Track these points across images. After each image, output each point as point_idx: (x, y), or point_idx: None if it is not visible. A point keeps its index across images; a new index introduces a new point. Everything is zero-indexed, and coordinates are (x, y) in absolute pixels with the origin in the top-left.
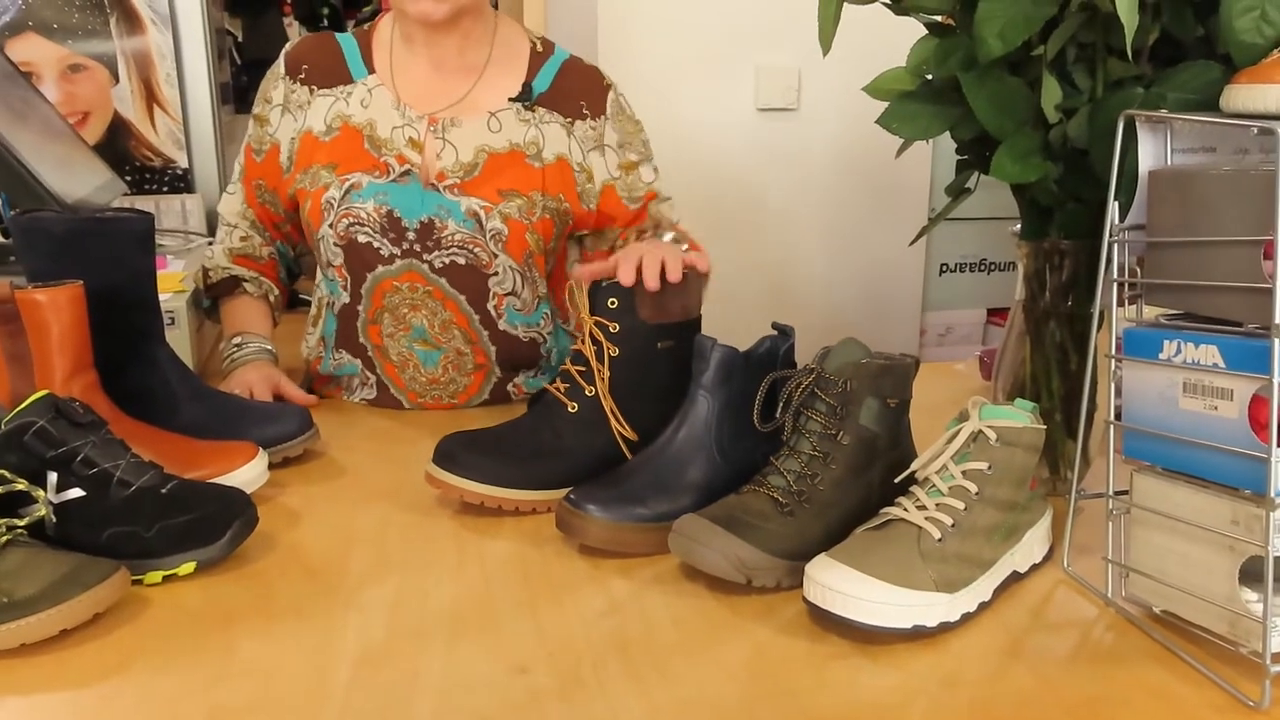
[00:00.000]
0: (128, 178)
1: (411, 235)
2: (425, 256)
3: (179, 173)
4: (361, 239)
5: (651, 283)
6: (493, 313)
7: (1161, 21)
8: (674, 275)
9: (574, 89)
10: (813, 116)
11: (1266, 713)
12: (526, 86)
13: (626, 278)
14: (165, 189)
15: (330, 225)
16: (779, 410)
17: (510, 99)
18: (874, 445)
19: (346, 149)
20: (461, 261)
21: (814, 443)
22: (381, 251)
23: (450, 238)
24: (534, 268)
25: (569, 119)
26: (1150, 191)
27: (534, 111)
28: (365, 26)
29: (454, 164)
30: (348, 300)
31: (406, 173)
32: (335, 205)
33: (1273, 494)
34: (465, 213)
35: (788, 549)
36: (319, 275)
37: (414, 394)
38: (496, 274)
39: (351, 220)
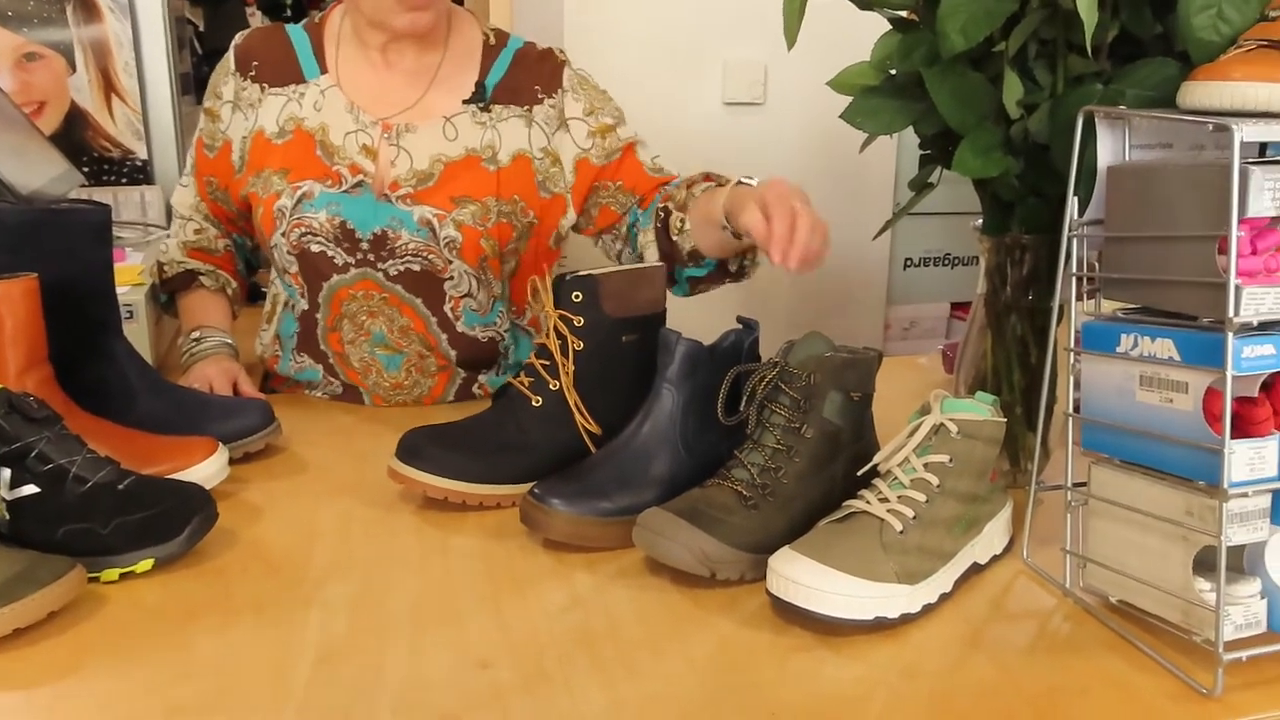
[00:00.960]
0: (85, 169)
1: (365, 246)
2: (379, 265)
3: (138, 164)
4: (315, 248)
5: (795, 262)
6: (450, 315)
7: (1121, 19)
8: (818, 249)
9: (528, 76)
10: (779, 111)
11: (1219, 700)
12: (480, 86)
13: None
14: (124, 180)
15: (283, 234)
16: (743, 404)
17: (464, 101)
18: (837, 438)
19: (299, 155)
20: (416, 269)
21: (777, 436)
22: (336, 260)
23: (404, 247)
24: (488, 270)
25: (527, 107)
26: (1108, 187)
27: (490, 111)
28: (316, 18)
29: (408, 172)
30: (306, 307)
31: (359, 184)
32: (287, 214)
33: (1226, 485)
34: (418, 222)
35: (751, 542)
36: (274, 274)
37: (379, 397)
38: (452, 278)
39: (304, 230)
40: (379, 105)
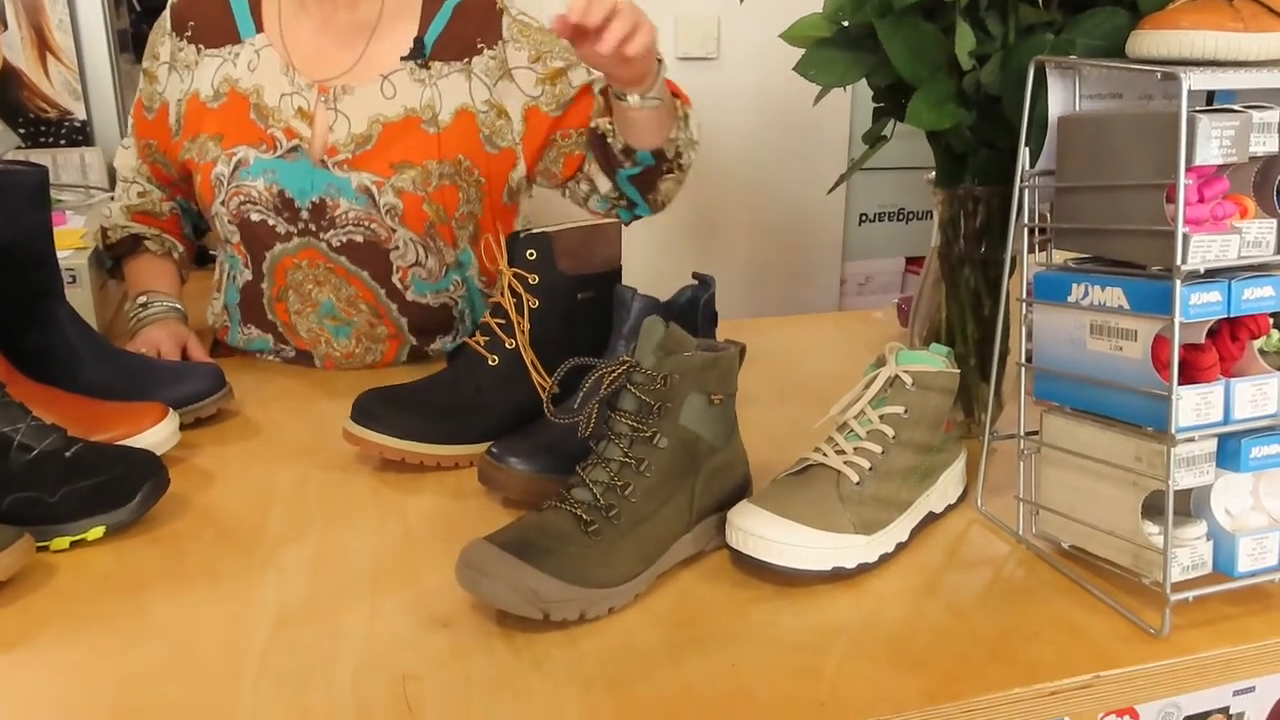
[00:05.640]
0: (21, 130)
1: (305, 215)
2: (322, 235)
3: (77, 125)
4: (255, 217)
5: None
6: (399, 285)
7: None
8: (635, 48)
9: (467, 29)
10: (733, 65)
11: (1166, 639)
12: (419, 42)
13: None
14: (63, 142)
15: (222, 203)
16: (579, 401)
17: (402, 58)
18: (695, 448)
19: (233, 119)
20: (359, 239)
21: (624, 448)
22: (277, 229)
23: (344, 216)
24: (438, 237)
25: (466, 60)
26: (1059, 137)
27: (429, 69)
28: None
29: (346, 137)
30: (250, 277)
31: (295, 149)
32: (225, 182)
33: (1174, 430)
34: (356, 189)
35: (591, 575)
36: (219, 244)
37: (331, 362)
38: (397, 248)
39: (243, 199)
40: (315, 66)
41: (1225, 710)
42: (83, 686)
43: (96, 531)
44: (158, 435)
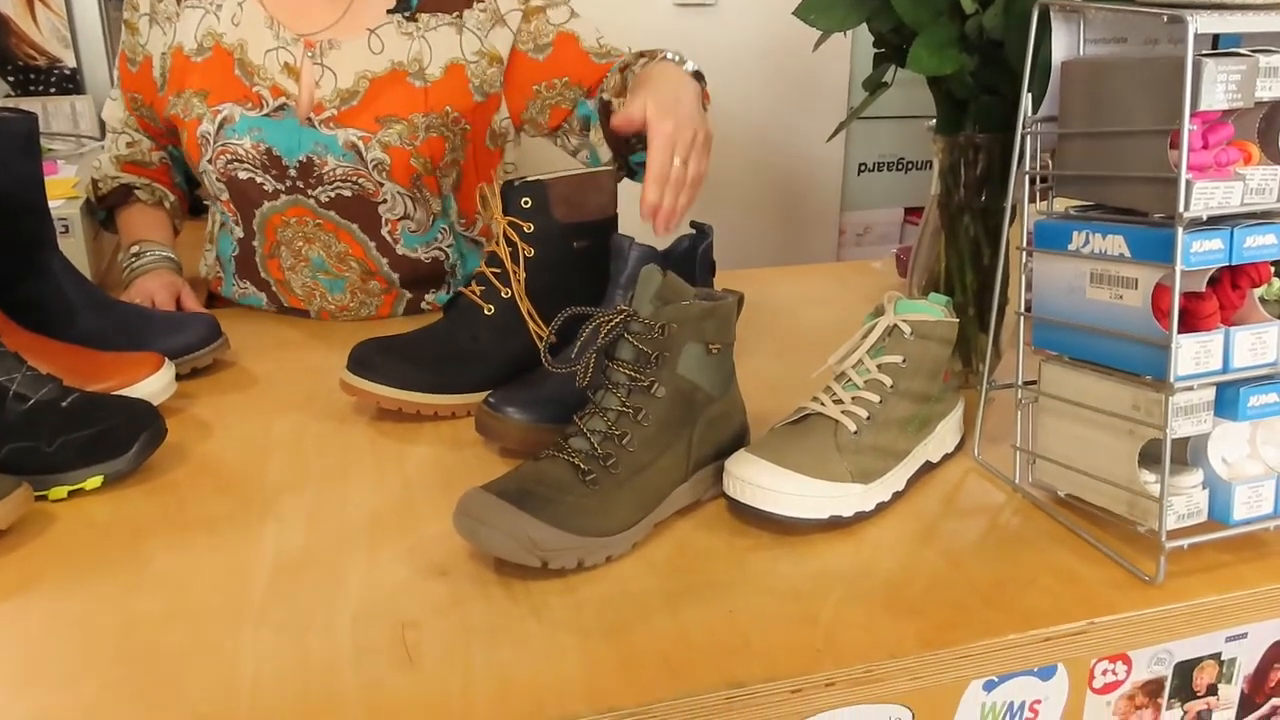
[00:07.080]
0: (10, 78)
1: (293, 173)
2: (310, 192)
3: (66, 73)
4: (243, 175)
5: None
6: (388, 238)
7: None
8: (698, 170)
9: None
10: (731, 11)
11: (1161, 587)
12: None
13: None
14: (52, 90)
15: (210, 161)
16: (576, 351)
17: (389, 11)
18: (693, 398)
19: (217, 74)
20: (348, 194)
21: (622, 397)
22: (265, 187)
23: (332, 173)
24: (424, 188)
25: (457, 14)
26: (1062, 82)
27: (416, 21)
28: None
29: (332, 93)
30: (242, 235)
31: (281, 107)
32: (211, 141)
33: (1172, 379)
34: (343, 145)
35: (589, 524)
36: (211, 198)
37: (326, 314)
38: (385, 201)
39: (230, 157)
40: (300, 20)
41: (1217, 656)
42: (82, 634)
43: (94, 481)
44: (154, 385)
